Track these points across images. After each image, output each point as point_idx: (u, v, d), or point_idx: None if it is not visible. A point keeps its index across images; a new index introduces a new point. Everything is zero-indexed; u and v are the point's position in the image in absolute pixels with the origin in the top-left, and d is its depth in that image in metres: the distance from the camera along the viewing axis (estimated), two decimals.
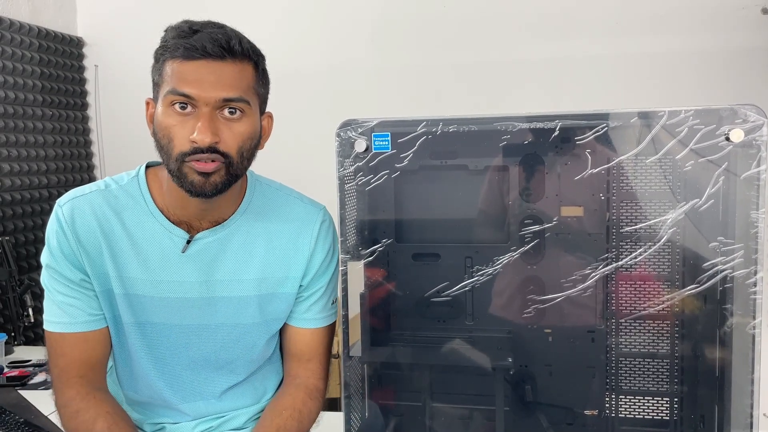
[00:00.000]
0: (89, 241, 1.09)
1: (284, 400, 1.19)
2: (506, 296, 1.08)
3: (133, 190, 1.12)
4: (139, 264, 1.10)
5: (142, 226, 1.10)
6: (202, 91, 0.99)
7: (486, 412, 1.11)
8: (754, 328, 0.93)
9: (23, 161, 2.58)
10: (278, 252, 1.15)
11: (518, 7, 2.57)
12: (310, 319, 1.20)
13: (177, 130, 1.00)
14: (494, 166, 1.05)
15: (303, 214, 1.18)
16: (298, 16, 2.77)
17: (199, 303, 1.12)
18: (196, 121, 0.99)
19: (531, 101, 2.51)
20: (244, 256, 1.13)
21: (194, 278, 1.11)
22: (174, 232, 1.10)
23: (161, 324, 1.12)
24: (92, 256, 1.09)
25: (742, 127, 0.91)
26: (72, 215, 1.08)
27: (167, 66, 1.01)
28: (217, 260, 1.12)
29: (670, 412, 1.05)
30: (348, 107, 2.46)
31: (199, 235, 1.11)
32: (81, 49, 2.98)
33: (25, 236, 2.58)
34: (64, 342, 1.10)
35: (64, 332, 1.10)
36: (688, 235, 0.99)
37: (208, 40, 0.99)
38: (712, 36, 2.40)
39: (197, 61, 0.99)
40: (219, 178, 1.02)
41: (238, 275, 1.13)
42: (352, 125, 1.04)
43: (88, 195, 1.11)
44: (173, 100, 1.00)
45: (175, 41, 1.00)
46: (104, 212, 1.09)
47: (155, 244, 1.10)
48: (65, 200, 1.10)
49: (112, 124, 2.98)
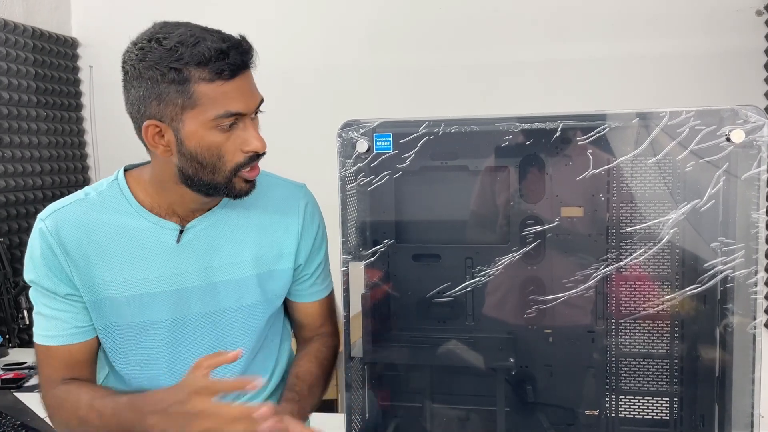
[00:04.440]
0: (77, 251, 1.07)
1: (299, 354, 1.25)
2: (507, 297, 1.08)
3: (114, 194, 1.11)
4: (134, 264, 1.09)
5: (130, 227, 1.09)
6: (249, 104, 1.02)
7: (487, 412, 1.11)
8: (755, 328, 0.93)
9: (17, 162, 2.56)
10: (269, 230, 1.17)
11: (515, 9, 2.57)
12: (315, 292, 1.25)
13: (227, 147, 1.02)
14: (495, 166, 1.05)
15: (287, 193, 1.22)
16: (294, 17, 2.76)
17: (201, 291, 1.12)
18: (242, 132, 1.02)
19: (528, 103, 2.51)
20: (238, 236, 1.15)
21: (193, 267, 1.11)
22: (164, 226, 1.10)
23: (169, 320, 1.11)
24: (81, 266, 1.07)
25: (742, 128, 0.91)
26: (57, 228, 1.07)
27: (202, 88, 0.98)
28: (214, 245, 1.13)
29: (670, 413, 1.05)
30: (345, 108, 2.46)
31: (191, 224, 1.12)
32: (75, 49, 2.96)
33: (20, 238, 2.56)
34: (49, 353, 1.10)
35: (50, 345, 1.09)
36: (689, 236, 0.99)
37: (238, 53, 0.99)
38: (707, 38, 2.42)
39: (239, 77, 1.00)
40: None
41: (236, 257, 1.14)
42: (354, 126, 1.04)
43: (69, 206, 1.10)
44: (223, 123, 1.00)
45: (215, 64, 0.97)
46: (89, 220, 1.08)
47: (147, 241, 1.09)
48: (46, 214, 1.09)
49: (107, 125, 2.97)
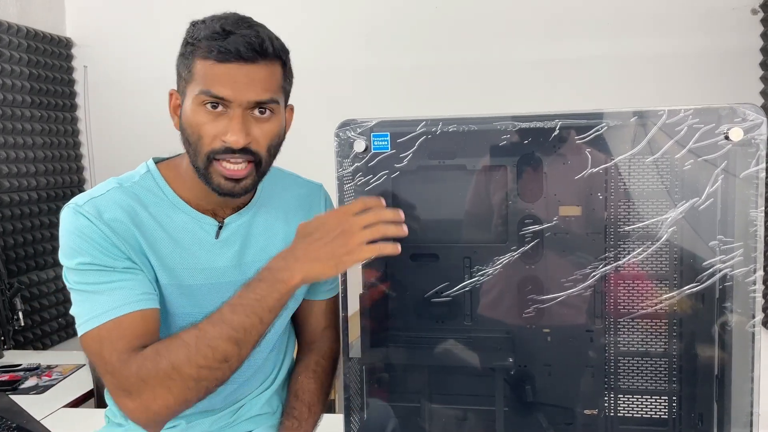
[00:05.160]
0: (123, 231, 1.03)
1: (297, 368, 1.25)
2: (505, 296, 1.08)
3: (150, 186, 1.10)
4: (178, 253, 1.08)
5: (170, 218, 1.09)
6: (236, 94, 1.00)
7: (485, 412, 1.10)
8: (754, 327, 0.93)
9: (12, 163, 2.55)
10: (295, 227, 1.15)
11: (512, 8, 2.57)
12: (327, 290, 1.27)
13: (208, 129, 1.01)
14: (492, 165, 1.05)
15: (308, 193, 1.24)
16: (290, 16, 2.75)
17: (231, 287, 1.09)
18: (228, 121, 1.00)
19: (526, 101, 2.52)
20: (268, 235, 1.16)
21: (229, 263, 1.12)
22: (203, 221, 1.11)
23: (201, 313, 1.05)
24: (132, 245, 1.03)
25: (741, 126, 0.91)
26: (98, 211, 1.02)
27: (198, 64, 1.00)
28: (247, 243, 1.14)
29: (669, 411, 1.05)
30: (342, 108, 2.46)
31: (227, 220, 1.13)
32: (70, 49, 2.95)
33: (14, 239, 2.55)
34: (120, 326, 0.98)
35: (119, 316, 0.98)
36: (687, 235, 0.99)
37: (242, 43, 0.99)
38: (703, 36, 2.42)
39: (231, 64, 0.99)
40: (250, 180, 1.05)
41: (267, 254, 1.13)
42: (351, 125, 1.04)
43: (107, 194, 1.06)
44: (205, 100, 1.00)
45: (208, 42, 0.99)
46: (130, 206, 1.05)
47: (188, 233, 1.09)
48: (83, 200, 1.04)
49: (102, 125, 2.96)
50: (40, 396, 1.89)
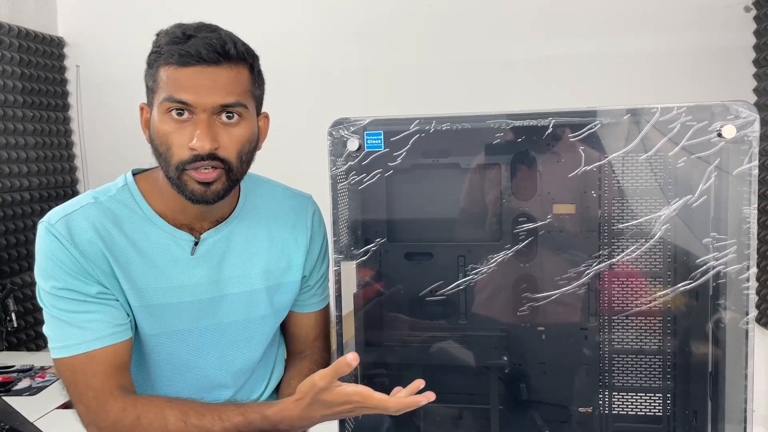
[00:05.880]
0: (94, 254, 1.03)
1: (289, 373, 1.23)
2: (500, 295, 1.08)
3: (126, 200, 1.08)
4: (150, 273, 1.06)
5: (145, 235, 1.07)
6: (199, 98, 0.97)
7: (480, 410, 1.10)
8: (747, 324, 0.94)
9: (4, 163, 2.53)
10: (279, 243, 1.15)
11: (506, 6, 2.57)
12: (315, 303, 1.23)
13: (175, 138, 0.99)
14: (486, 164, 1.05)
15: (296, 205, 1.19)
16: (284, 15, 2.75)
17: (211, 303, 1.10)
18: (194, 128, 0.98)
19: (519, 100, 2.51)
20: (249, 249, 1.13)
21: (205, 279, 1.09)
22: (179, 236, 1.08)
23: (181, 331, 1.09)
24: (102, 269, 1.03)
25: (734, 124, 0.91)
26: (69, 231, 1.02)
27: (161, 72, 0.99)
28: (224, 258, 1.11)
29: (663, 408, 1.06)
30: (336, 106, 2.45)
31: (204, 236, 1.10)
32: (62, 49, 2.93)
33: (7, 240, 2.53)
34: (93, 361, 1.00)
35: (91, 350, 1.00)
36: (681, 232, 0.99)
37: (203, 45, 0.97)
38: (696, 34, 2.42)
39: (192, 67, 0.97)
40: (220, 185, 1.01)
41: (246, 270, 1.12)
42: (345, 124, 1.04)
43: (80, 210, 1.05)
44: (169, 107, 0.98)
45: (169, 47, 0.98)
46: (103, 224, 1.05)
47: (162, 251, 1.07)
48: (55, 218, 1.03)
49: (94, 124, 2.94)
50: (34, 397, 1.87)
